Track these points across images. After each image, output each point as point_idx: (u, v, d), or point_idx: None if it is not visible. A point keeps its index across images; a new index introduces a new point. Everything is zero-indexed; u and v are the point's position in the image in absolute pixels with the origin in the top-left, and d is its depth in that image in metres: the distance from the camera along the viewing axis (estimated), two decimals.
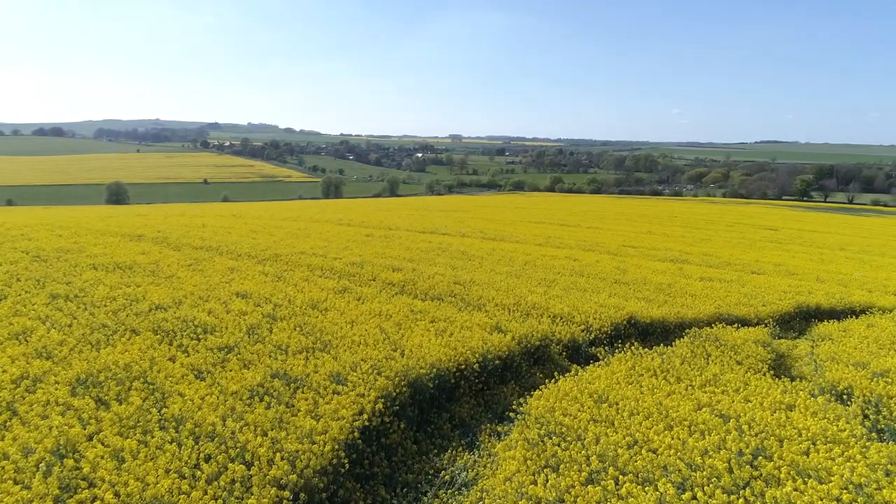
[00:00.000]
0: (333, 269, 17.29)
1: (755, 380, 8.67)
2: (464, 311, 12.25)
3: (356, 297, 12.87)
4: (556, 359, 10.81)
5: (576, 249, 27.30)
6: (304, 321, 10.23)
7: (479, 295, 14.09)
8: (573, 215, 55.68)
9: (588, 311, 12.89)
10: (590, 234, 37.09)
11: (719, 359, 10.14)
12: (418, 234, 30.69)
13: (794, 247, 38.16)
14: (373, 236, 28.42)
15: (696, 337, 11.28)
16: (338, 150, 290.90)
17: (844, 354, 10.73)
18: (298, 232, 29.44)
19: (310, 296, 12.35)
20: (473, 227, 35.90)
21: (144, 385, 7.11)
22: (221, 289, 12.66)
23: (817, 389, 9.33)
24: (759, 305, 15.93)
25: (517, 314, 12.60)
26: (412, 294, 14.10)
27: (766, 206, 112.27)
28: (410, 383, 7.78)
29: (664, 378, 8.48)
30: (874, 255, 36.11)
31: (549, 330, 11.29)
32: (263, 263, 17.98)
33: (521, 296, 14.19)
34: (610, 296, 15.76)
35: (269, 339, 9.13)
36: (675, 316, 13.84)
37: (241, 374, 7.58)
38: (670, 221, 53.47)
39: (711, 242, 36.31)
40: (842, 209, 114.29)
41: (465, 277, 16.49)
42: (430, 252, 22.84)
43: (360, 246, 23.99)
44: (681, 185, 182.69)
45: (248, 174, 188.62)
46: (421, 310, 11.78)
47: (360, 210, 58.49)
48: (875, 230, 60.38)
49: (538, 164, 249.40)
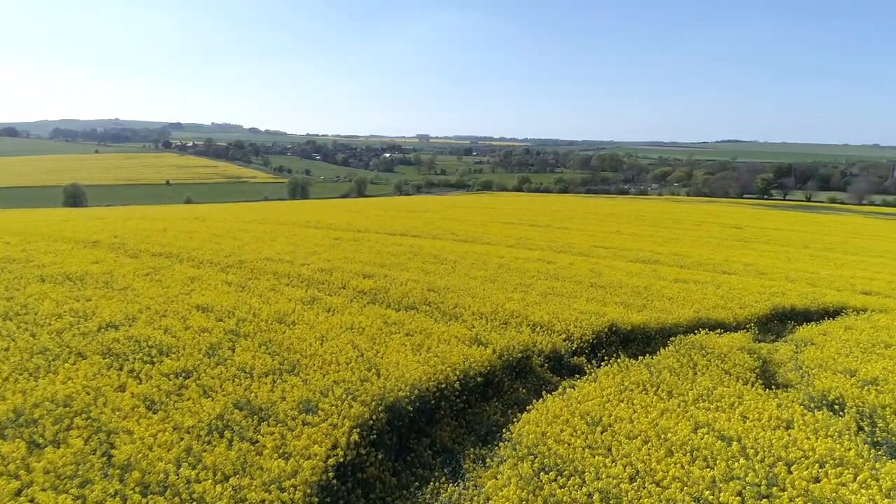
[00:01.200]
0: (301, 277, 16.52)
1: (748, 393, 8.31)
2: (440, 322, 11.66)
3: (326, 307, 12.16)
4: (539, 371, 10.32)
5: (548, 251, 26.96)
6: (269, 338, 9.48)
7: (454, 303, 13.53)
8: (542, 215, 55.58)
9: (568, 319, 12.44)
10: (560, 234, 36.88)
11: (706, 368, 9.80)
12: (388, 237, 29.99)
13: (760, 245, 38.60)
14: (341, 239, 27.61)
15: (680, 345, 10.91)
16: (304, 150, 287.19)
17: (831, 361, 10.49)
18: (264, 235, 28.44)
19: (276, 308, 11.59)
20: (444, 229, 35.34)
21: (87, 422, 6.27)
22: (180, 301, 11.81)
23: (807, 399, 9.02)
24: (736, 308, 15.74)
25: (496, 323, 12.08)
26: (385, 303, 13.45)
27: (730, 204, 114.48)
28: (388, 407, 7.16)
29: (655, 393, 8.05)
30: (837, 253, 36.76)
31: (530, 340, 10.80)
32: (227, 271, 17.10)
33: (498, 303, 13.68)
34: (588, 301, 15.39)
35: (231, 360, 8.37)
36: (656, 322, 13.50)
37: (200, 404, 6.83)
38: (638, 221, 53.74)
39: (680, 242, 36.45)
40: (801, 207, 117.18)
41: (440, 283, 15.92)
42: (402, 256, 22.19)
43: (329, 250, 23.20)
44: (646, 183, 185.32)
45: (212, 175, 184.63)
46: (395, 321, 11.14)
47: (327, 211, 57.39)
48: (834, 227, 61.87)
49: (506, 164, 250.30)
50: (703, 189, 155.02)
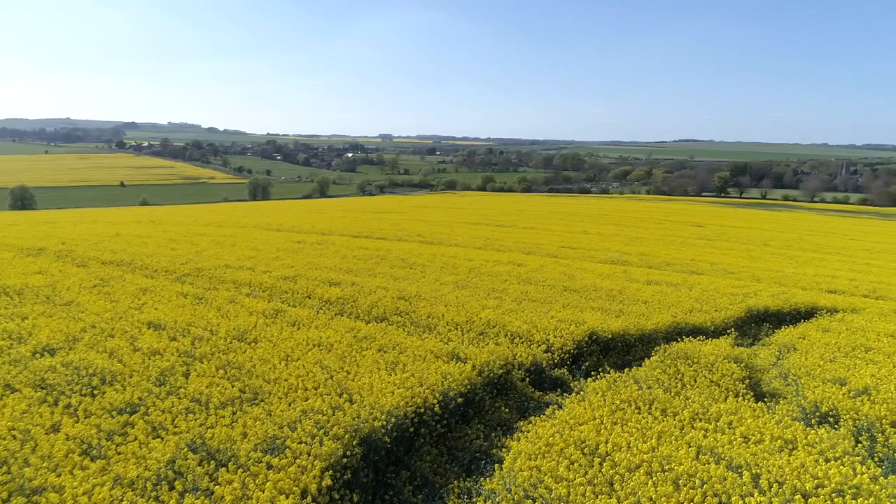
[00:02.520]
0: (263, 286, 15.60)
1: (743, 408, 7.87)
2: (414, 335, 10.97)
3: (290, 321, 11.32)
4: (520, 386, 9.72)
5: (517, 253, 26.51)
6: (228, 360, 8.61)
7: (427, 312, 12.85)
8: (508, 215, 55.31)
9: (547, 328, 11.90)
10: (527, 234, 36.55)
11: (695, 380, 9.38)
12: (353, 240, 29.11)
13: (723, 243, 38.96)
14: (305, 243, 26.63)
15: (665, 355, 10.48)
16: (265, 150, 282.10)
17: (817, 369, 10.20)
18: (224, 240, 27.25)
19: (236, 323, 10.69)
20: (410, 230, 34.61)
21: (7, 477, 5.28)
22: (130, 318, 10.81)
23: (800, 412, 8.67)
24: (712, 311, 15.48)
25: (472, 334, 11.45)
26: (353, 314, 12.67)
27: (689, 202, 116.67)
28: (363, 440, 6.44)
29: (649, 412, 7.54)
30: (795, 250, 37.36)
31: (510, 353, 10.20)
32: (183, 281, 16.05)
33: (472, 311, 13.06)
34: (564, 306, 14.91)
35: (185, 388, 7.49)
36: (635, 328, 13.09)
37: (148, 446, 5.96)
38: (602, 220, 53.93)
39: (646, 241, 36.49)
40: (757, 205, 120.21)
41: (410, 291, 15.22)
42: (369, 260, 21.41)
43: (292, 255, 22.25)
44: (607, 182, 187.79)
45: (168, 176, 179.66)
46: (366, 335, 10.39)
47: (289, 213, 55.99)
48: (790, 225, 63.35)
49: (469, 164, 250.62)
50: (663, 187, 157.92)
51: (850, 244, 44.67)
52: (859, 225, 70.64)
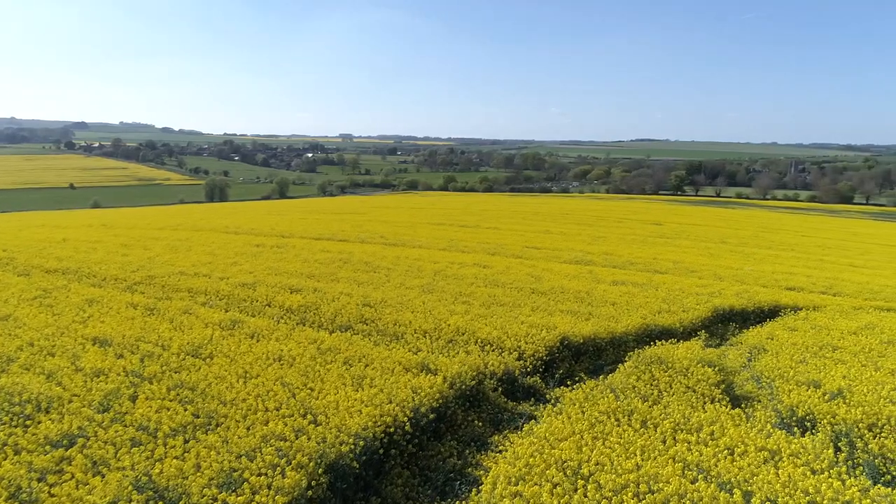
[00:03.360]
0: (220, 294, 14.86)
1: (723, 415, 7.66)
2: (381, 345, 10.48)
3: (249, 333, 10.69)
4: (492, 397, 9.36)
5: (482, 254, 26.19)
6: (181, 379, 7.98)
7: (394, 319, 12.38)
8: (471, 215, 55.05)
9: (518, 334, 11.57)
10: (491, 234, 36.31)
11: (670, 386, 9.16)
12: (315, 242, 28.34)
13: (682, 241, 39.44)
14: (264, 246, 25.77)
15: (639, 360, 10.25)
16: (222, 150, 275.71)
17: (790, 371, 10.13)
18: (179, 244, 26.17)
19: (190, 337, 10.02)
20: (373, 232, 33.95)
21: None
22: (73, 333, 10.02)
23: (776, 417, 8.54)
24: (680, 312, 15.41)
25: (441, 342, 11.03)
26: (316, 324, 12.10)
27: (647, 201, 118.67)
28: (329, 466, 5.96)
29: (628, 424, 7.25)
30: (752, 248, 38.12)
31: (481, 362, 9.82)
32: (133, 290, 15.18)
33: (441, 318, 12.64)
34: (533, 310, 14.63)
35: (132, 414, 6.84)
36: (606, 331, 12.89)
37: (86, 486, 5.33)
38: (564, 219, 54.15)
39: (607, 241, 36.65)
40: (712, 202, 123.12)
41: (375, 297, 14.71)
42: (331, 264, 20.77)
43: (251, 260, 21.44)
44: (567, 182, 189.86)
45: (121, 177, 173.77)
46: (330, 347, 9.85)
47: (248, 214, 54.54)
48: (744, 222, 64.85)
49: (430, 164, 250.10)
50: (622, 186, 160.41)
51: (802, 241, 45.88)
52: (809, 221, 72.91)
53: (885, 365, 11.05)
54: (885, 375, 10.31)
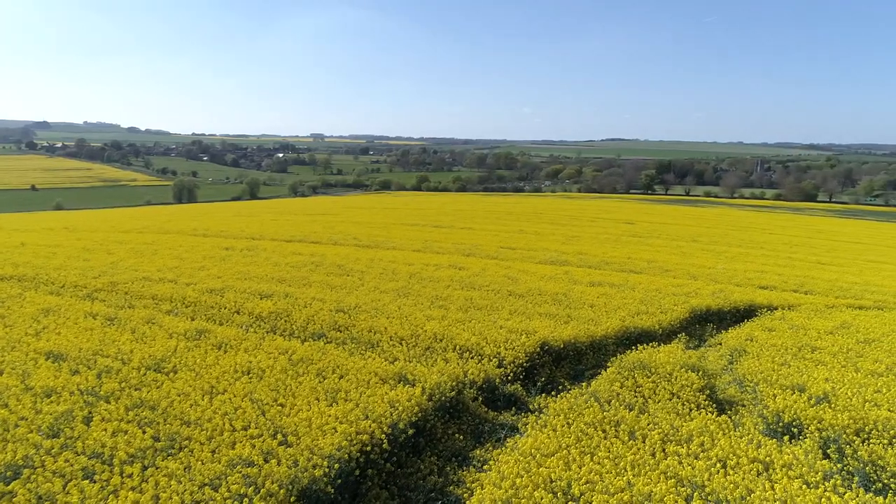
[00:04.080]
0: (186, 301, 14.24)
1: (712, 424, 7.44)
2: (356, 354, 10.04)
3: (216, 343, 10.15)
4: (472, 407, 9.00)
5: (457, 255, 25.88)
6: (141, 397, 7.43)
7: (369, 326, 11.95)
8: (444, 215, 54.75)
9: (497, 340, 11.25)
10: (465, 235, 36.05)
11: (655, 392, 8.94)
12: (286, 245, 27.69)
13: (655, 240, 39.70)
14: (233, 249, 25.07)
15: (621, 366, 10.01)
16: (190, 150, 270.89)
17: (772, 374, 9.99)
18: (144, 248, 25.30)
19: (152, 349, 9.44)
20: (346, 233, 33.40)
21: None
22: (25, 347, 9.36)
23: (763, 423, 8.36)
24: (658, 313, 15.27)
25: (418, 350, 10.65)
26: (288, 332, 11.59)
27: (618, 200, 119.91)
28: (302, 492, 5.53)
29: (616, 436, 6.98)
30: (723, 246, 38.57)
31: (460, 371, 9.45)
32: (93, 298, 14.45)
33: (417, 324, 12.25)
34: (511, 313, 14.34)
35: (85, 440, 6.26)
36: (586, 335, 12.65)
37: None
38: (538, 219, 54.20)
39: (581, 240, 36.70)
40: (682, 201, 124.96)
41: (349, 302, 14.25)
42: (303, 268, 20.22)
43: (220, 264, 20.76)
44: (540, 181, 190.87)
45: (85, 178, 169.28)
46: (302, 357, 9.38)
47: (217, 216, 53.38)
48: (713, 220, 65.81)
49: (403, 163, 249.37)
50: (593, 185, 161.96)
51: (770, 238, 46.62)
52: (776, 219, 74.37)
53: (864, 366, 11.02)
54: (866, 377, 10.26)
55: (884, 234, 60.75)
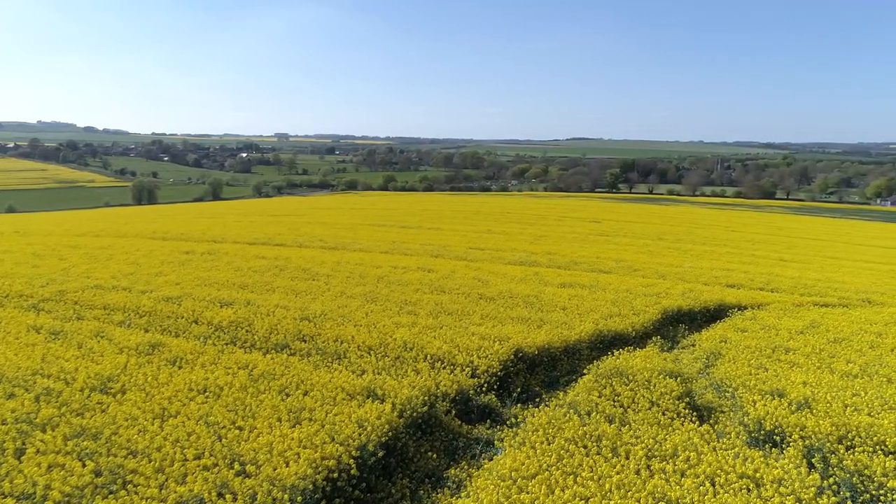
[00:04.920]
0: (141, 310, 13.46)
1: (695, 436, 7.16)
2: (321, 367, 9.49)
3: (170, 358, 9.47)
4: (445, 421, 8.56)
5: (425, 256, 25.43)
6: (83, 424, 6.75)
7: (335, 335, 11.40)
8: (412, 215, 54.21)
9: (470, 347, 10.83)
10: (433, 235, 35.64)
11: (633, 401, 8.64)
12: (249, 248, 26.82)
13: (621, 239, 39.90)
14: (194, 254, 24.13)
15: (598, 374, 9.69)
16: (150, 150, 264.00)
17: (750, 378, 9.80)
18: (99, 253, 24.17)
19: (100, 367, 8.72)
20: (311, 235, 32.62)
21: None
22: None
23: (745, 431, 8.11)
24: (631, 315, 15.08)
25: (387, 360, 10.15)
26: (249, 343, 10.96)
27: (584, 198, 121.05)
28: None
29: (598, 453, 6.63)
30: (688, 244, 38.98)
31: (432, 383, 9.00)
32: (38, 309, 13.55)
33: (386, 332, 11.76)
34: (483, 318, 13.96)
35: (14, 478, 5.53)
36: (559, 339, 12.34)
37: None
38: (505, 218, 54.09)
39: (550, 239, 36.63)
40: (646, 199, 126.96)
41: (315, 309, 13.66)
42: (266, 272, 19.50)
43: (178, 269, 19.88)
44: (506, 180, 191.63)
45: (40, 180, 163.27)
46: (264, 372, 8.80)
47: (178, 218, 51.80)
48: (677, 218, 66.77)
49: (370, 163, 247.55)
50: (559, 184, 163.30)
51: (733, 236, 47.39)
52: (737, 217, 75.88)
53: (838, 367, 10.96)
54: (842, 379, 10.17)
55: (839, 231, 62.47)
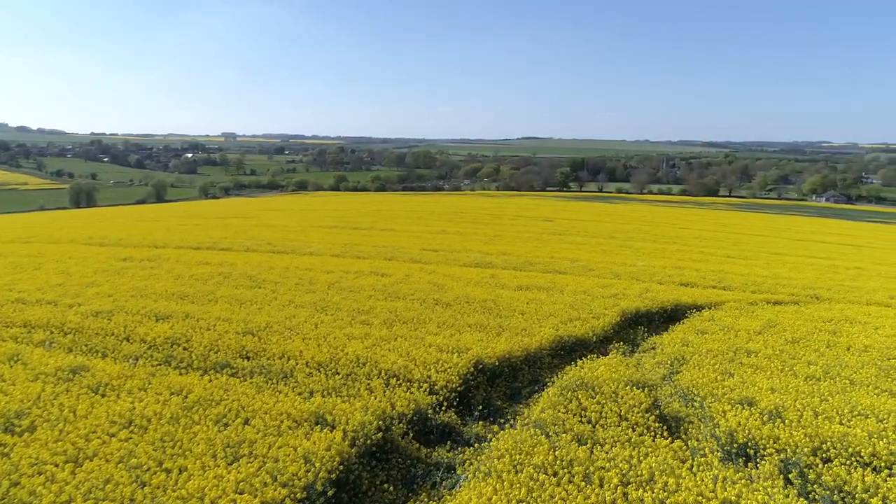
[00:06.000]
0: (66, 327, 12.27)
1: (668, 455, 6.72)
2: (265, 389, 8.66)
3: (93, 384, 8.46)
4: (402, 445, 7.89)
5: (378, 259, 24.68)
6: None
7: (281, 350, 10.57)
8: (364, 216, 53.19)
9: (427, 361, 10.19)
10: (386, 237, 34.88)
11: (601, 415, 8.18)
12: (193, 253, 25.46)
13: (574, 238, 40.05)
14: (132, 260, 22.70)
15: (562, 387, 9.20)
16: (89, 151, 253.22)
17: (716, 386, 9.50)
18: (26, 262, 22.45)
19: (6, 400, 7.60)
20: (260, 238, 31.35)
21: None
22: None
23: (717, 445, 7.74)
24: (590, 319, 14.73)
25: (338, 379, 9.39)
26: (185, 363, 10.00)
27: (536, 197, 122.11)
28: None
29: (570, 481, 6.09)
30: (639, 242, 39.39)
31: (387, 404, 8.30)
32: None
33: (337, 345, 10.98)
34: (439, 327, 13.33)
35: None
36: (520, 348, 11.83)
37: None
38: (459, 218, 53.74)
39: (503, 239, 36.38)
40: (596, 197, 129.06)
41: (259, 321, 12.76)
42: (210, 280, 18.38)
43: (113, 279, 18.54)
44: (459, 179, 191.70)
45: None
46: (200, 398, 7.92)
47: (118, 222, 49.33)
48: (627, 216, 67.84)
49: (320, 163, 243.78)
50: (511, 183, 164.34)
51: (681, 233, 48.28)
52: (685, 214, 77.71)
53: (801, 370, 10.82)
54: (806, 383, 10.01)
55: (780, 227, 64.69)
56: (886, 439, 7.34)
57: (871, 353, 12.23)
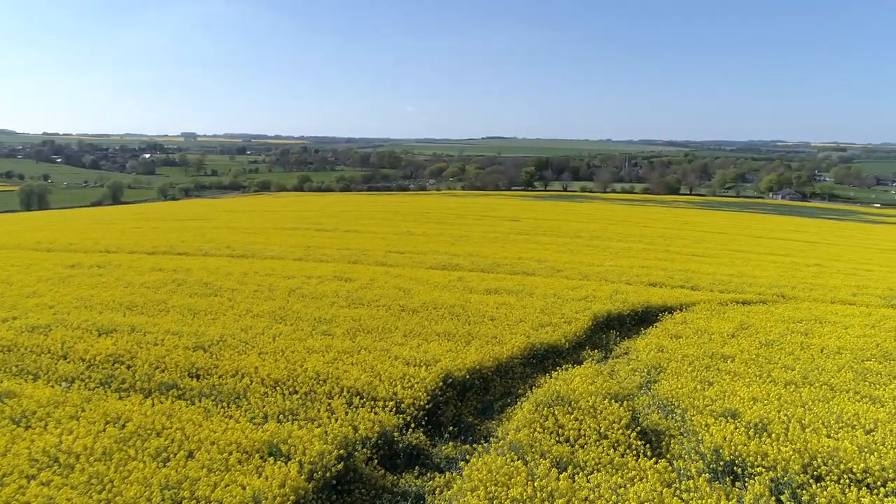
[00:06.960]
0: None
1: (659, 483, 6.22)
2: (215, 414, 7.86)
3: (16, 414, 7.52)
4: (366, 472, 7.21)
5: (342, 263, 23.86)
6: None
7: (235, 367, 9.76)
8: (328, 217, 52.11)
9: (393, 376, 9.51)
10: (351, 239, 34.03)
11: (581, 433, 7.67)
12: (147, 258, 24.25)
13: (541, 238, 39.81)
14: (80, 267, 21.43)
15: (538, 403, 8.63)
16: (40, 151, 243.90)
17: (699, 397, 9.08)
18: None
19: None
20: (219, 241, 30.19)
21: None
22: None
23: (703, 464, 7.28)
24: (562, 324, 14.25)
25: (296, 399, 8.64)
26: (127, 384, 9.10)
27: (501, 196, 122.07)
28: None
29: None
30: (604, 241, 39.37)
31: (349, 428, 7.60)
32: None
33: (295, 360, 10.23)
34: (405, 336, 12.67)
35: None
36: (491, 358, 11.27)
37: None
38: (424, 218, 53.11)
39: (470, 240, 35.88)
40: (561, 197, 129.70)
41: (213, 333, 11.90)
42: (162, 288, 17.35)
43: (57, 288, 17.35)
44: (424, 179, 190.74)
45: None
46: (139, 427, 7.10)
47: (70, 225, 47.24)
48: (592, 215, 68.23)
49: (283, 163, 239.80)
50: (476, 183, 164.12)
51: (646, 232, 48.52)
52: (648, 213, 78.46)
53: (779, 376, 10.52)
54: (786, 391, 9.68)
55: (741, 224, 65.81)
56: (878, 453, 6.99)
57: (845, 355, 12.05)
